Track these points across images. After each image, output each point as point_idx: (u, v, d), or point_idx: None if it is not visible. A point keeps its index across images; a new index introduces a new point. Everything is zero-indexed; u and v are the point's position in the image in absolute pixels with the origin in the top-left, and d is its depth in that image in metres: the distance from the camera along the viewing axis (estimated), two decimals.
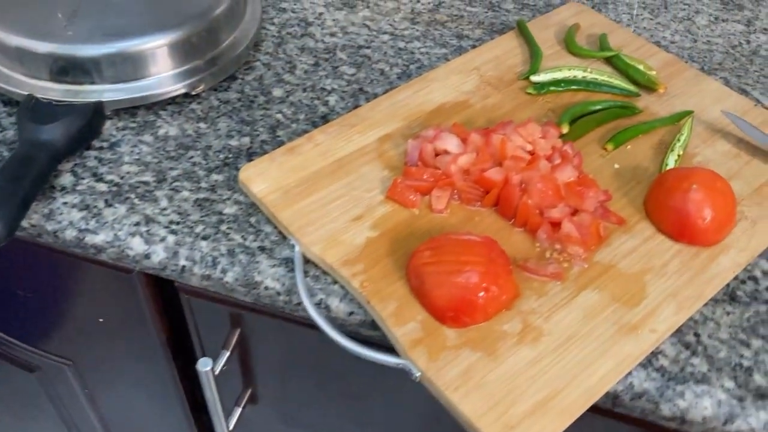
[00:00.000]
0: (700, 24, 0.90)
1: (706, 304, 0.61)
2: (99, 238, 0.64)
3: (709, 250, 0.63)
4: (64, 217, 0.65)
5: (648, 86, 0.77)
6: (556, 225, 0.62)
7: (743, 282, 0.63)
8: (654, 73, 0.79)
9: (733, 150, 0.72)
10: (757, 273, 0.64)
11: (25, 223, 0.66)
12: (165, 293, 0.75)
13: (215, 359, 0.73)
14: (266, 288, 0.62)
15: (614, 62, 0.80)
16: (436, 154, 0.67)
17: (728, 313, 0.61)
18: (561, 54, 0.82)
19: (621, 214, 0.65)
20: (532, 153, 0.67)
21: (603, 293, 0.59)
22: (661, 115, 0.75)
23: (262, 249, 0.63)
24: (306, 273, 0.62)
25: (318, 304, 0.61)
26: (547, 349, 0.56)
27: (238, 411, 0.83)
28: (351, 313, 0.60)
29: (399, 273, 0.60)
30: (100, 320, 0.80)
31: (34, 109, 0.69)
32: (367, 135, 0.71)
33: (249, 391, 0.84)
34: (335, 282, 0.61)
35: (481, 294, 0.56)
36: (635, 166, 0.70)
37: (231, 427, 0.82)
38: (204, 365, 0.70)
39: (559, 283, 0.60)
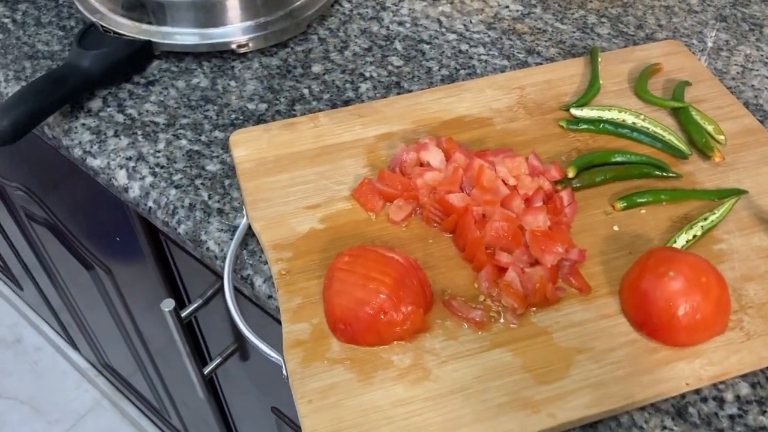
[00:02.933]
0: None
1: (643, 409, 0.52)
2: (96, 163, 0.70)
3: (672, 351, 0.53)
4: (77, 137, 0.71)
5: (703, 151, 0.66)
6: (503, 270, 0.57)
7: (704, 400, 0.53)
8: (722, 137, 0.67)
9: None
10: (728, 396, 0.53)
11: (49, 134, 0.73)
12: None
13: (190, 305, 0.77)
14: (208, 249, 0.63)
15: (680, 116, 0.70)
16: (421, 165, 0.64)
17: (664, 428, 0.52)
18: (624, 93, 0.72)
19: (590, 282, 0.57)
20: (514, 188, 0.61)
21: (517, 358, 0.53)
22: (704, 187, 0.64)
23: (220, 211, 0.65)
24: (246, 246, 0.62)
25: (244, 278, 0.61)
26: (423, 395, 0.51)
27: (217, 360, 0.86)
28: (270, 297, 0.60)
29: (321, 271, 0.58)
30: (117, 239, 0.87)
31: (87, 36, 0.75)
32: (369, 129, 0.69)
33: (236, 345, 0.87)
34: (267, 262, 0.61)
35: (378, 316, 0.53)
36: (638, 234, 0.61)
37: (206, 373, 0.85)
38: (166, 305, 0.73)
39: (479, 332, 0.54)
